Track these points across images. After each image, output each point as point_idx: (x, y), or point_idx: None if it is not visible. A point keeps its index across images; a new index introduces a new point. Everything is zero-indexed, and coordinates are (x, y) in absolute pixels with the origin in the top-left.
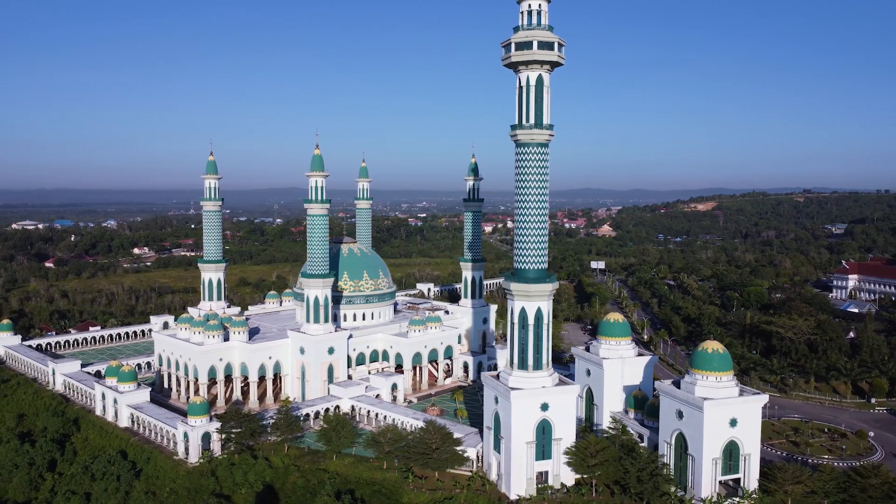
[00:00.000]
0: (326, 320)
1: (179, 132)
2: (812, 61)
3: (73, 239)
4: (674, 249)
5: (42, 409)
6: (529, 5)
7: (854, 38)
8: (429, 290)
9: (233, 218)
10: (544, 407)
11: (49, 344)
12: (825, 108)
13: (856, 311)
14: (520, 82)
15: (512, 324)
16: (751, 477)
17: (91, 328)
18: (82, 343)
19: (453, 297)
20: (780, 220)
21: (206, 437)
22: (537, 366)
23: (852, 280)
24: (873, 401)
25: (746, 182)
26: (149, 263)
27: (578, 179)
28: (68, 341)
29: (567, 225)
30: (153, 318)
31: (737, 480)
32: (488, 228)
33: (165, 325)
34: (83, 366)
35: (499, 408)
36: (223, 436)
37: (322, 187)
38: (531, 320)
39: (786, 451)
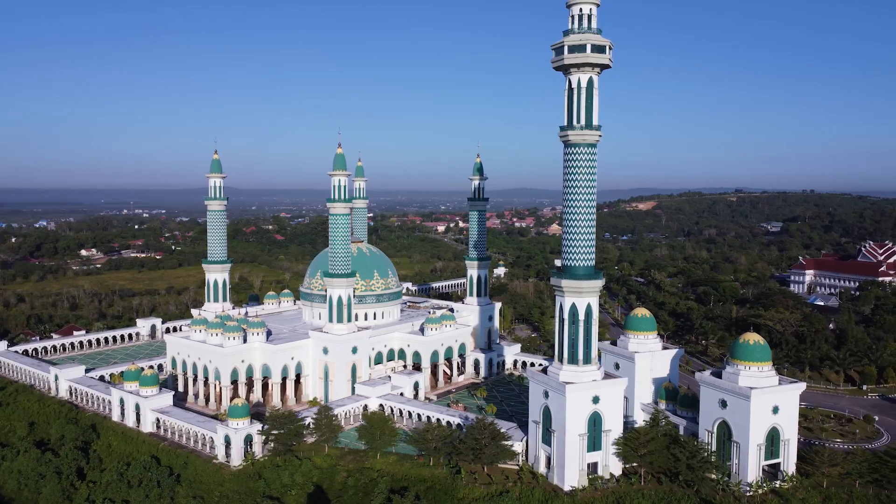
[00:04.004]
0: (350, 320)
1: (103, 131)
2: (739, 65)
3: (14, 241)
4: (625, 248)
5: (53, 417)
6: (580, 9)
7: (780, 43)
8: (406, 289)
9: (175, 218)
10: (595, 400)
11: (35, 349)
12: (752, 111)
13: (822, 304)
14: (570, 84)
15: (561, 320)
16: (789, 461)
17: (75, 332)
18: (69, 348)
19: (432, 296)
20: (718, 219)
21: (248, 440)
22: (587, 360)
23: (809, 275)
24: (865, 387)
25: (678, 182)
26: (99, 265)
27: (514, 179)
28: (55, 346)
29: (517, 224)
30: (140, 322)
31: (773, 465)
32: (441, 228)
33: (153, 328)
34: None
35: (549, 402)
36: (265, 438)
37: (345, 186)
38: (581, 316)
39: (802, 437)
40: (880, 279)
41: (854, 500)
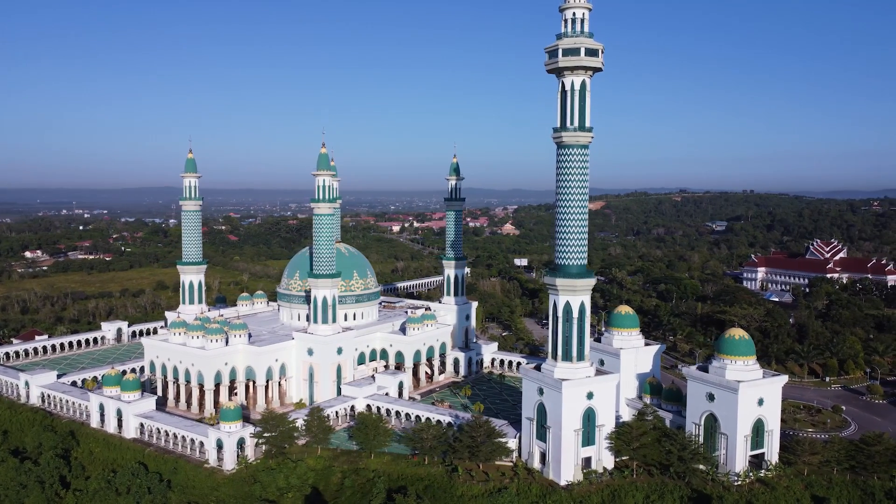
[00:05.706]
0: (334, 320)
1: (33, 128)
2: (676, 67)
3: None
4: None
5: (27, 425)
6: (574, 13)
7: (717, 45)
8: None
9: (119, 218)
10: (590, 395)
11: None
12: (692, 112)
13: (777, 300)
14: (563, 87)
15: (555, 318)
16: (773, 451)
17: (38, 337)
18: (31, 353)
19: (399, 296)
20: (664, 219)
21: (240, 443)
22: (580, 357)
23: (761, 272)
24: (828, 379)
25: (623, 182)
26: (45, 268)
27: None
28: (17, 352)
29: (471, 224)
30: (105, 325)
31: (757, 455)
32: (396, 228)
33: (119, 332)
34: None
35: (544, 398)
36: (258, 440)
37: (330, 186)
38: (575, 314)
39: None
40: (829, 275)
41: (834, 486)
